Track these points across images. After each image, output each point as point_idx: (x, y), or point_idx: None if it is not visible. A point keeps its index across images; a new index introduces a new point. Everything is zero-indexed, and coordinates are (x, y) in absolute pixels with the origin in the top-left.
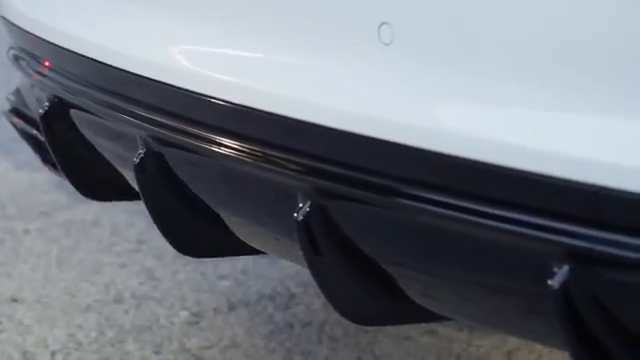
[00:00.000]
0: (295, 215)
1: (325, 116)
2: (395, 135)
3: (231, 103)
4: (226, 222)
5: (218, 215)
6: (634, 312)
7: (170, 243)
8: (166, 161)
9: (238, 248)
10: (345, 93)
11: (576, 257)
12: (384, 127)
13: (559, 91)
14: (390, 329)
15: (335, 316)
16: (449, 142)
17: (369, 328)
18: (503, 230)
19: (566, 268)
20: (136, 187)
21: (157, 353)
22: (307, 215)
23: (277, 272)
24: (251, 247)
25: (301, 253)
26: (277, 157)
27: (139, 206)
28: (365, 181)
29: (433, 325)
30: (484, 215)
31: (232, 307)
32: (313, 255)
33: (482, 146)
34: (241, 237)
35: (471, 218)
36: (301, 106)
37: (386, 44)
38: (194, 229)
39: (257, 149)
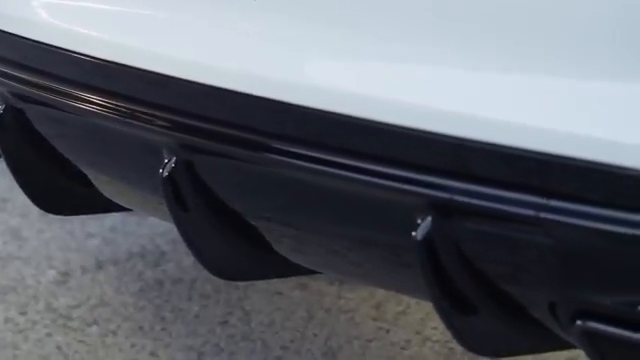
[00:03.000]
0: (160, 171)
1: (189, 70)
2: (259, 89)
3: (93, 58)
4: (91, 179)
5: (83, 172)
6: (494, 262)
7: (33, 201)
8: (27, 117)
9: (104, 205)
10: (211, 47)
11: (438, 208)
12: (247, 81)
13: (420, 43)
14: (261, 284)
15: (205, 273)
16: (314, 96)
17: (240, 284)
18: (367, 183)
19: (429, 219)
20: None
21: (23, 314)
22: (172, 171)
23: (147, 229)
24: (118, 204)
25: (167, 210)
26: (141, 112)
27: (1, 164)
28: (229, 135)
29: (304, 279)
30: (348, 168)
31: (101, 265)
32: (179, 211)
33: (344, 99)
34: (107, 195)
35: (336, 171)
36: (165, 60)
37: None
38: (57, 187)
39: (121, 104)
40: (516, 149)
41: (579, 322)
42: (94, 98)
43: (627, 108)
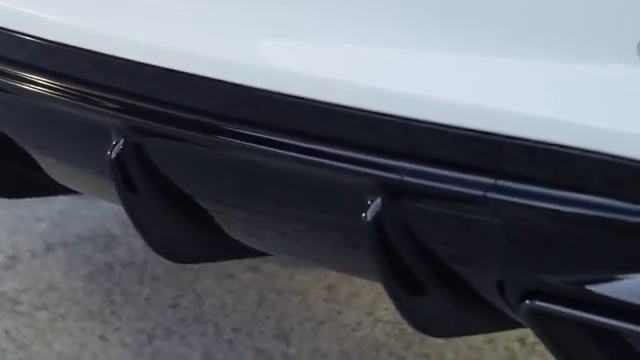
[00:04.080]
0: (108, 153)
1: (138, 51)
2: (206, 70)
3: (40, 39)
4: (39, 162)
5: (30, 155)
6: (444, 242)
7: None
8: None
9: (53, 188)
10: (159, 28)
11: (388, 189)
12: (195, 62)
13: (368, 24)
14: (212, 267)
15: (156, 256)
16: (263, 77)
17: (191, 267)
18: (318, 164)
19: (378, 200)
20: None
21: None
22: (120, 153)
23: (96, 213)
24: (67, 187)
25: (116, 192)
26: (89, 94)
27: None
28: (178, 117)
29: (256, 261)
30: (299, 150)
31: (50, 249)
32: (128, 194)
33: (294, 80)
34: (55, 178)
35: (286, 153)
36: (112, 41)
37: None
38: (4, 169)
39: (68, 86)
40: (464, 130)
41: (527, 302)
42: (41, 80)
43: (574, 88)
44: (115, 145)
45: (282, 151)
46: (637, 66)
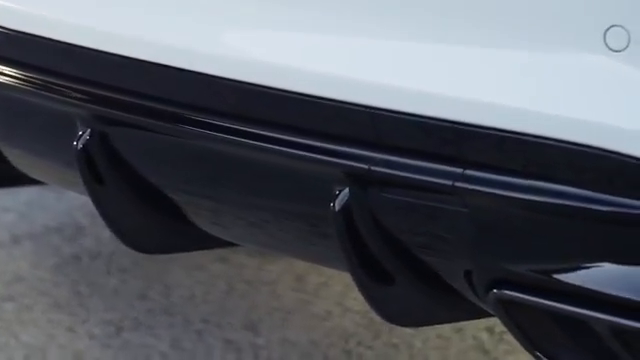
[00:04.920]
0: (75, 143)
1: (102, 41)
2: (173, 59)
3: (5, 29)
4: (4, 152)
5: None
6: (412, 232)
7: None
8: None
9: (18, 179)
10: (124, 16)
11: (355, 179)
12: (161, 51)
13: (335, 13)
14: (181, 258)
15: (124, 247)
16: (230, 66)
17: (160, 258)
18: (285, 154)
19: (346, 190)
20: None
21: None
22: (87, 143)
23: (64, 204)
24: (32, 178)
25: (83, 183)
26: (54, 84)
27: None
28: (144, 107)
29: (225, 252)
30: (266, 139)
31: (16, 240)
32: (94, 184)
33: (261, 70)
34: (21, 168)
35: (254, 143)
36: (78, 31)
37: None
38: None
39: (33, 76)
40: (431, 119)
41: (495, 290)
42: (5, 70)
43: (541, 78)
44: (81, 135)
45: (249, 141)
46: (605, 55)
